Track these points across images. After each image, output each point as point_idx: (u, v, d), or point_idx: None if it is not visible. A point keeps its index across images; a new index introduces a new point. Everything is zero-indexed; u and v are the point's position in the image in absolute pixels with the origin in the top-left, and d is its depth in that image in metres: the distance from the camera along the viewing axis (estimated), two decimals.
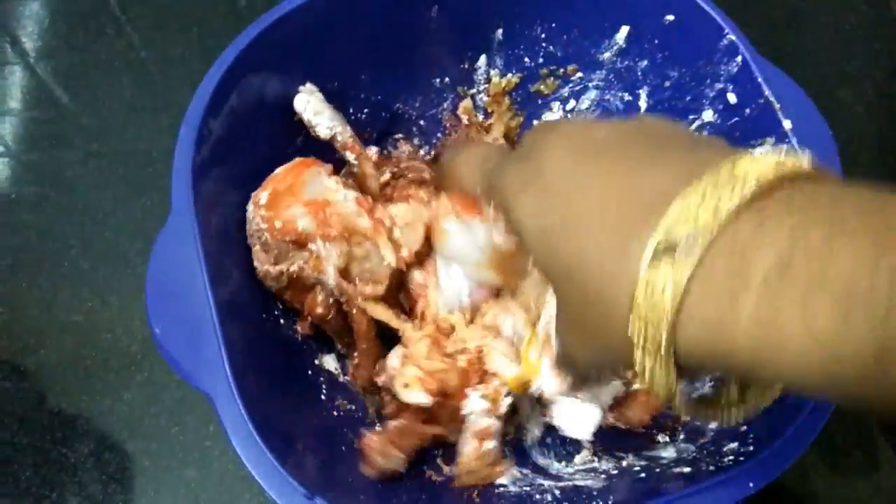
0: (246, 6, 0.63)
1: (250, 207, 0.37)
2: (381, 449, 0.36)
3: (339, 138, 0.40)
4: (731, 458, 0.34)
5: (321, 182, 0.38)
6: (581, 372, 0.35)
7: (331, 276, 0.37)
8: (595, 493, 0.36)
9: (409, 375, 0.36)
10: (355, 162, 0.40)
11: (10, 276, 0.53)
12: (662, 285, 0.21)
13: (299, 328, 0.41)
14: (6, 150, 0.58)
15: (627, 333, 0.23)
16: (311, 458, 0.33)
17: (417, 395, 0.36)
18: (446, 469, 0.38)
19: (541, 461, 0.41)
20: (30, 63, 0.61)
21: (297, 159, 0.39)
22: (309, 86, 0.40)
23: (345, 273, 0.38)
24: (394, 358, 0.37)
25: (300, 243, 0.37)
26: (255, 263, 0.38)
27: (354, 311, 0.38)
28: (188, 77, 0.60)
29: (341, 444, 0.37)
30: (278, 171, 0.38)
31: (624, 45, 0.46)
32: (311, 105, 0.39)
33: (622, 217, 0.24)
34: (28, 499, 0.47)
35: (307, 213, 0.36)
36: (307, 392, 0.39)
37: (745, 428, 0.36)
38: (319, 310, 0.39)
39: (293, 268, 0.37)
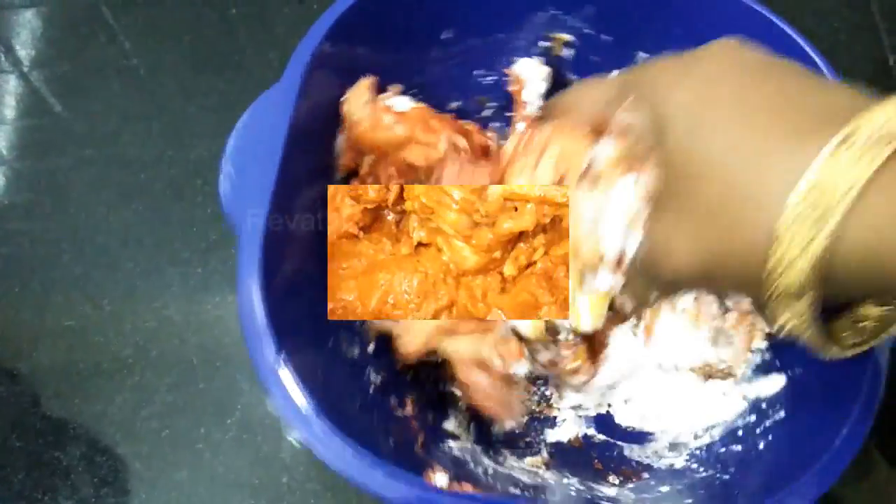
0: (236, 14, 0.64)
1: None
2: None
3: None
4: None
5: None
6: (669, 281, 0.29)
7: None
8: (521, 486, 0.37)
9: None
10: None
11: (3, 282, 0.54)
12: (835, 184, 0.21)
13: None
14: None
15: (771, 234, 0.22)
16: (300, 334, 0.34)
17: None
18: (409, 408, 0.40)
19: (496, 444, 0.42)
20: (23, 71, 0.61)
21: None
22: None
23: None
24: None
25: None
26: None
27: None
28: (179, 84, 0.60)
29: (329, 338, 0.38)
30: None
31: None
32: (538, 71, 0.39)
33: (798, 121, 0.23)
34: (21, 502, 0.47)
35: None
36: (323, 279, 0.39)
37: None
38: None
39: None
